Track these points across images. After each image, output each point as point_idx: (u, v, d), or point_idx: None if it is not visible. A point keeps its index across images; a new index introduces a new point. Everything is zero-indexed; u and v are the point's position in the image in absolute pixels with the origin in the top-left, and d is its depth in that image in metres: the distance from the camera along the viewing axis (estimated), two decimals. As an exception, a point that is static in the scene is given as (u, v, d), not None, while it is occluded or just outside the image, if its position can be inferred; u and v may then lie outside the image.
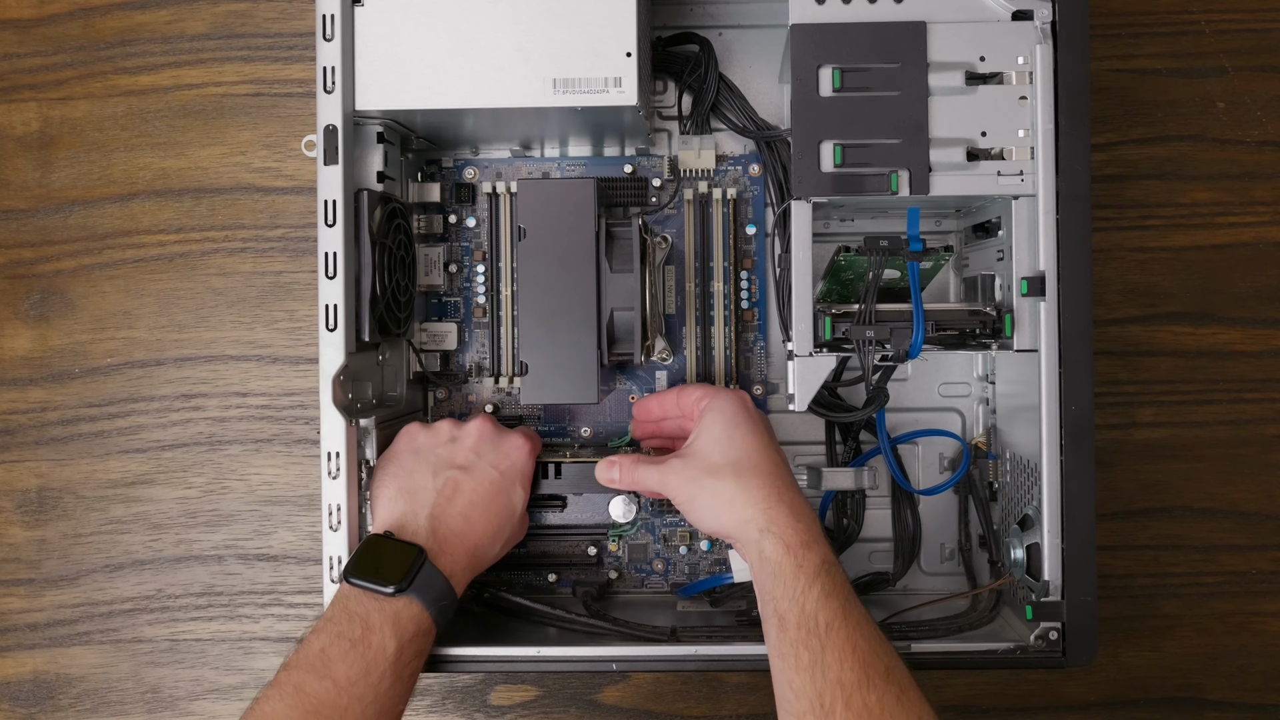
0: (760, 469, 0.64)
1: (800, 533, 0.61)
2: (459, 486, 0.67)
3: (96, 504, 0.84)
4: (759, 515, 0.62)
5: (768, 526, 0.62)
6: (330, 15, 0.66)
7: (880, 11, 0.66)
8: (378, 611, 0.61)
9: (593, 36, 0.66)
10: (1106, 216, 0.82)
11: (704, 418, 0.67)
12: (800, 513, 0.63)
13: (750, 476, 0.64)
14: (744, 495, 0.63)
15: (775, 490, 0.63)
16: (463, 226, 0.80)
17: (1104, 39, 0.82)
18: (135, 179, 0.85)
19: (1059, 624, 0.65)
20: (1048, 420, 0.65)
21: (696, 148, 0.78)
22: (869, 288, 0.67)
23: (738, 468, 0.64)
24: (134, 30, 0.85)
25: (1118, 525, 0.82)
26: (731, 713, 0.83)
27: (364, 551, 0.64)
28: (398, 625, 0.61)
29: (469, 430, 0.70)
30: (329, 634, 0.61)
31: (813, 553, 0.61)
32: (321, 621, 0.62)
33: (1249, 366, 0.82)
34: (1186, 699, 0.82)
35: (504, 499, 0.68)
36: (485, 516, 0.67)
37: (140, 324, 0.84)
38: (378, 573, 0.62)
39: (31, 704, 0.84)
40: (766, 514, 0.62)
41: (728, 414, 0.67)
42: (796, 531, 0.61)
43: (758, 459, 0.65)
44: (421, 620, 0.62)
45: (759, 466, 0.64)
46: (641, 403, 0.76)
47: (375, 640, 0.60)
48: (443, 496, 0.67)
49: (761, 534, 0.62)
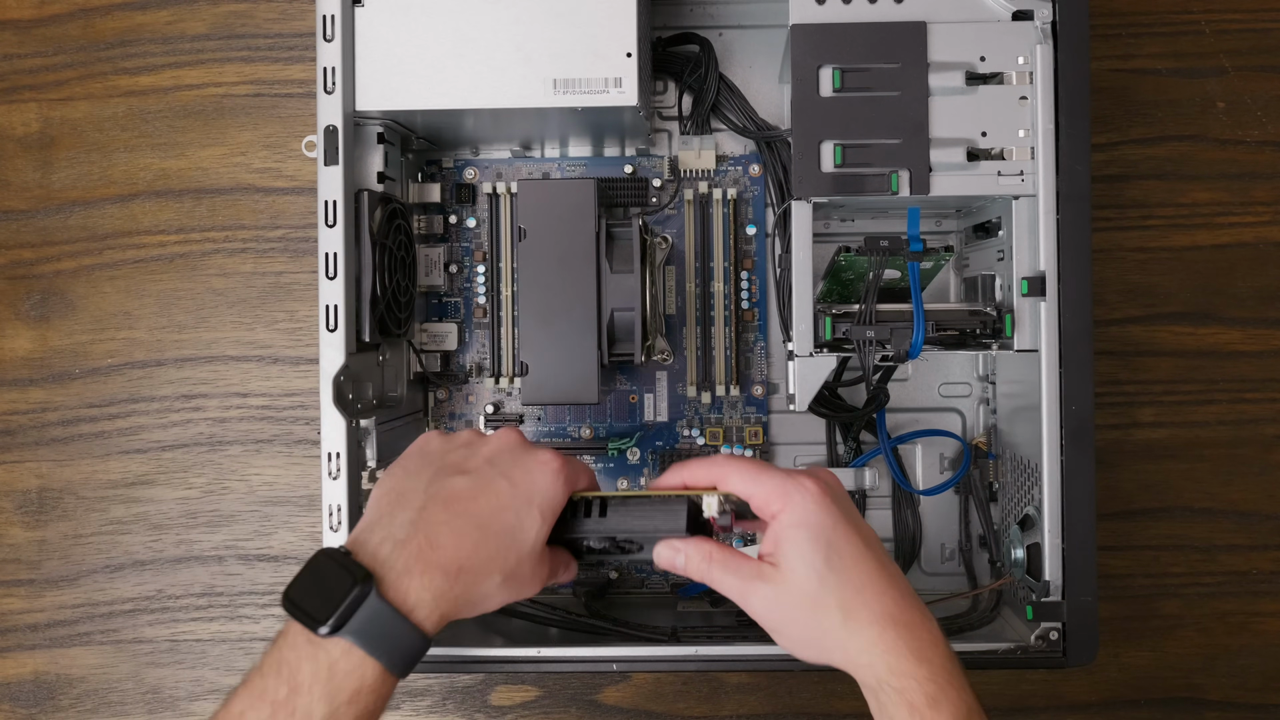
0: (870, 598, 0.53)
1: (925, 683, 0.51)
2: (454, 492, 0.54)
3: (97, 504, 0.84)
4: (876, 661, 0.52)
5: (887, 677, 0.52)
6: (330, 15, 0.66)
7: (880, 11, 0.66)
8: (309, 660, 0.49)
9: (593, 37, 0.66)
10: (1106, 216, 0.82)
11: (788, 533, 0.54)
12: (924, 650, 0.52)
13: (861, 611, 0.53)
14: (856, 637, 0.53)
15: (892, 623, 0.53)
16: (463, 227, 0.80)
17: (1104, 39, 0.82)
18: (135, 179, 0.85)
19: (1059, 624, 0.65)
20: (1048, 420, 0.65)
21: (696, 148, 0.78)
22: (869, 288, 0.67)
23: (844, 602, 0.53)
24: (134, 30, 0.85)
25: (1118, 525, 0.82)
26: (731, 713, 0.83)
27: (305, 571, 0.51)
28: (331, 682, 0.49)
29: (491, 438, 0.58)
30: (251, 692, 0.50)
31: (943, 713, 0.51)
32: (252, 669, 0.51)
33: (1249, 366, 0.82)
34: (1186, 699, 0.82)
35: (509, 518, 0.54)
36: (479, 534, 0.53)
37: (140, 324, 0.84)
38: (311, 603, 0.50)
39: (32, 704, 0.84)
40: (885, 658, 0.52)
41: (817, 529, 0.54)
42: (920, 683, 0.51)
43: (864, 582, 0.53)
44: (364, 672, 0.49)
45: (868, 593, 0.53)
46: (685, 472, 0.59)
47: (301, 704, 0.48)
48: (431, 500, 0.54)
49: (880, 684, 0.52)
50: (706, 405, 0.79)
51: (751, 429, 0.79)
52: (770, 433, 0.79)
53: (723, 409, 0.79)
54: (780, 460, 0.80)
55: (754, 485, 0.56)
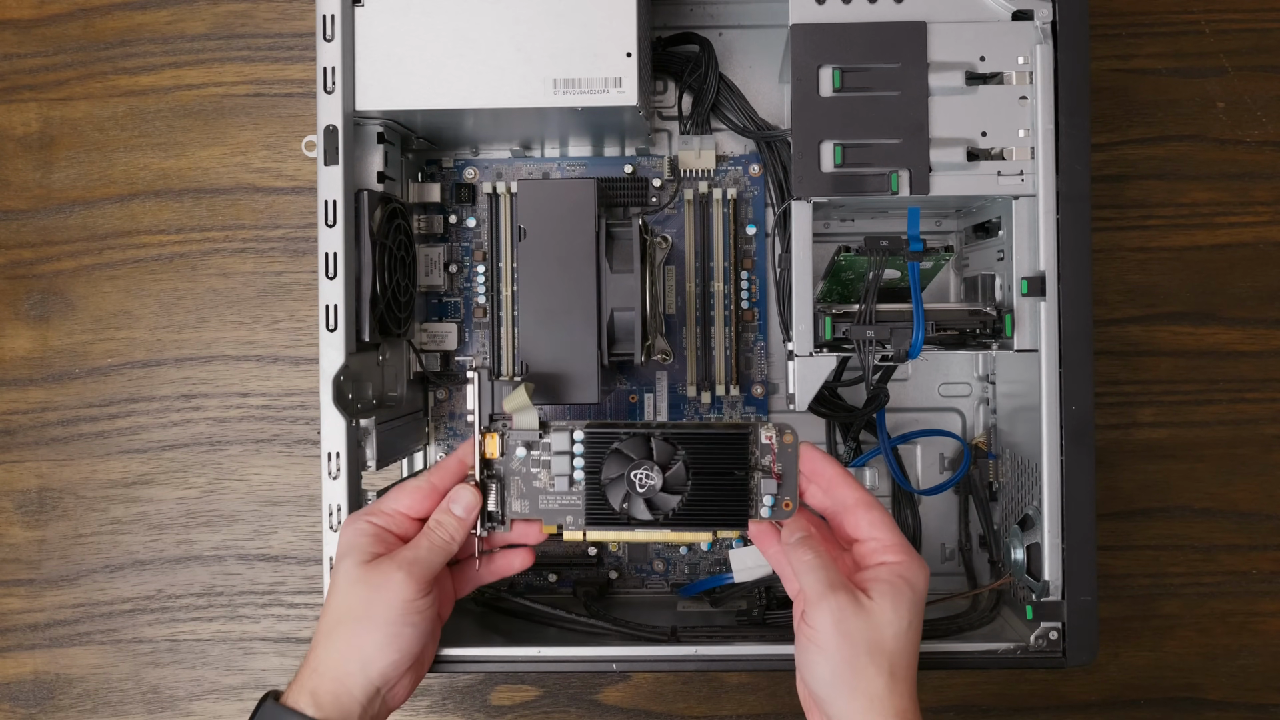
0: (908, 678, 0.57)
1: None
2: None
3: (97, 504, 0.84)
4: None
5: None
6: (330, 15, 0.66)
7: (880, 11, 0.66)
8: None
9: (593, 36, 0.66)
10: (1106, 216, 0.82)
11: (896, 581, 0.58)
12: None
13: (902, 684, 0.56)
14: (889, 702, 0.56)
15: (911, 708, 0.57)
16: (463, 226, 0.80)
17: (1104, 39, 0.82)
18: (135, 179, 0.85)
19: (1059, 624, 0.65)
20: (1048, 420, 0.65)
21: (696, 148, 0.78)
22: (869, 288, 0.67)
23: (895, 666, 0.56)
24: (134, 30, 0.85)
25: (1118, 525, 0.82)
26: (731, 713, 0.83)
27: None
28: None
29: None
30: None
31: None
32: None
33: (1249, 366, 0.82)
34: (1186, 699, 0.82)
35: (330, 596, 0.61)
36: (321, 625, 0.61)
37: (140, 324, 0.84)
38: None
39: (32, 704, 0.84)
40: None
41: (916, 600, 0.58)
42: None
43: (908, 662, 0.57)
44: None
45: (907, 673, 0.57)
46: (816, 458, 0.62)
47: None
48: None
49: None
50: (706, 405, 0.79)
51: (751, 429, 0.79)
52: (770, 433, 0.80)
53: (723, 409, 0.79)
54: (780, 460, 0.80)
55: (884, 528, 0.60)
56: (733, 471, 0.61)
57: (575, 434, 0.62)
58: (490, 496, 0.63)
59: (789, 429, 0.62)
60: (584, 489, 0.62)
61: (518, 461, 0.63)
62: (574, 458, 0.62)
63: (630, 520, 0.61)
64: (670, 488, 0.60)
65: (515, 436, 0.63)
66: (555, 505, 0.63)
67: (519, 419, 0.63)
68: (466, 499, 0.62)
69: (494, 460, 0.63)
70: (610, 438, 0.62)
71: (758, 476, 0.61)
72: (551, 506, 0.63)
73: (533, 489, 0.63)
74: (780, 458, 0.61)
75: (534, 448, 0.63)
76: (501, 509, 0.63)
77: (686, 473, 0.61)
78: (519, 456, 0.63)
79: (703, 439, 0.61)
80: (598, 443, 0.62)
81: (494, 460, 0.63)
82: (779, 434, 0.61)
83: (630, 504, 0.61)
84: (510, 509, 0.63)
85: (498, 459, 0.63)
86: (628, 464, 0.61)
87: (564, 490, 0.63)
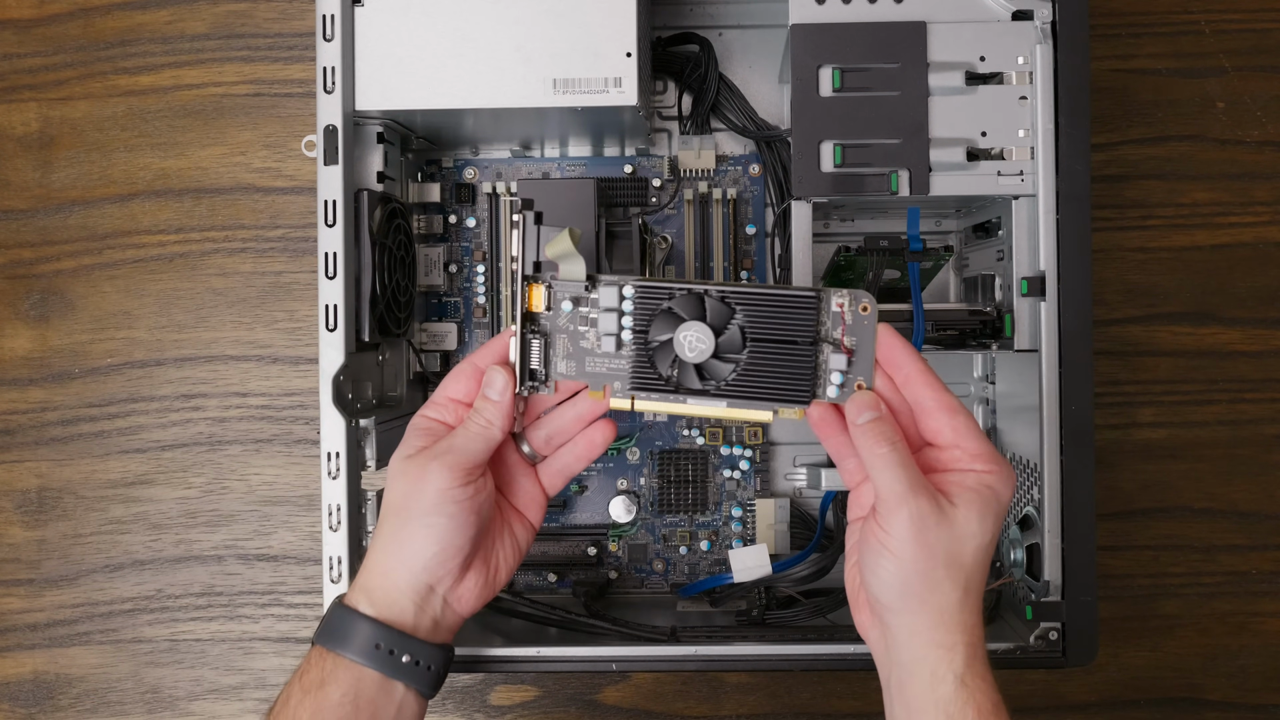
0: (980, 593, 0.54)
1: (990, 695, 0.53)
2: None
3: (96, 504, 0.84)
4: (961, 652, 0.52)
5: (963, 674, 0.52)
6: (330, 15, 0.66)
7: (880, 11, 0.66)
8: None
9: (593, 36, 0.66)
10: (1106, 216, 0.82)
11: (983, 492, 0.53)
12: (989, 665, 0.54)
13: (974, 598, 0.53)
14: (959, 617, 0.53)
15: (979, 624, 0.54)
16: (463, 226, 0.80)
17: (1104, 39, 0.82)
18: (135, 179, 0.85)
19: (1059, 624, 0.65)
20: (1048, 420, 0.65)
21: (696, 148, 0.78)
22: (869, 288, 0.67)
23: (970, 581, 0.53)
24: (134, 30, 0.85)
25: (1118, 525, 0.82)
26: (731, 713, 0.83)
27: None
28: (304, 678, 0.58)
29: None
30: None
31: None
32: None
33: (1249, 366, 0.82)
34: (1186, 699, 0.82)
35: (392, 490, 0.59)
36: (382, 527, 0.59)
37: (140, 324, 0.84)
38: None
39: (31, 704, 0.84)
40: (966, 653, 0.53)
41: (1002, 509, 0.54)
42: (988, 695, 0.52)
43: (982, 577, 0.54)
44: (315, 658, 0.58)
45: (979, 588, 0.54)
46: (895, 345, 0.55)
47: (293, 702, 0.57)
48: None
49: (953, 674, 0.52)
50: (706, 405, 0.79)
51: (751, 429, 0.79)
52: (770, 433, 0.79)
53: (722, 409, 0.79)
54: (780, 460, 0.80)
55: (971, 436, 0.54)
56: (796, 340, 0.54)
57: (625, 289, 0.56)
58: (533, 353, 0.57)
59: (867, 297, 0.54)
60: (632, 351, 0.56)
61: (565, 317, 0.57)
62: (622, 315, 0.56)
63: (679, 388, 0.55)
64: (724, 354, 0.55)
65: (561, 289, 0.57)
66: (603, 369, 0.57)
67: (565, 268, 0.56)
68: (499, 381, 0.57)
69: (539, 315, 0.57)
70: (664, 295, 0.55)
71: (826, 350, 0.54)
72: (599, 370, 0.57)
73: (579, 349, 0.57)
74: (853, 330, 0.54)
75: (581, 303, 0.57)
76: (545, 368, 0.57)
77: (743, 338, 0.54)
78: (565, 311, 0.57)
79: (765, 301, 0.54)
80: (649, 300, 0.55)
81: (539, 315, 0.57)
82: (853, 302, 0.54)
83: (680, 371, 0.55)
84: (555, 369, 0.57)
85: (543, 314, 0.57)
86: (678, 325, 0.55)
87: (611, 352, 0.56)
